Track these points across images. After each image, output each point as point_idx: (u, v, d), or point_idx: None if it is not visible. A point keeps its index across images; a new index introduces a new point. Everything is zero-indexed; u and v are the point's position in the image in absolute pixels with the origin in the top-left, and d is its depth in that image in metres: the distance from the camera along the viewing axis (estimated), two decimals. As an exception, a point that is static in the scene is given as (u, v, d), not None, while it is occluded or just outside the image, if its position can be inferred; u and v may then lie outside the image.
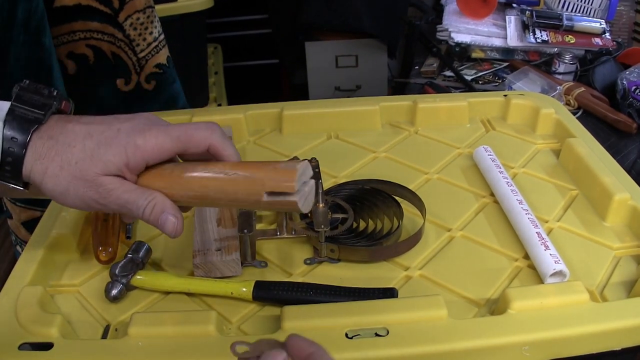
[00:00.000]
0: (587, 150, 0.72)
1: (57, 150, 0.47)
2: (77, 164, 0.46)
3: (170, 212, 0.48)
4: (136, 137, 0.47)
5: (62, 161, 0.46)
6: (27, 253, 0.60)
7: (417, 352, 0.48)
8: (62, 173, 0.47)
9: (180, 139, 0.48)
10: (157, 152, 0.47)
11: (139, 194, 0.48)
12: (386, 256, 0.61)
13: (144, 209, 0.48)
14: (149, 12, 1.04)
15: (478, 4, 1.48)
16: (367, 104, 0.86)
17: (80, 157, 0.46)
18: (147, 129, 0.47)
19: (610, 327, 0.50)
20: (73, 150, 0.46)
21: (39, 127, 0.47)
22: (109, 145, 0.46)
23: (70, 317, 0.55)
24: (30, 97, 0.48)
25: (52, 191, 0.47)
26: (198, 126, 0.49)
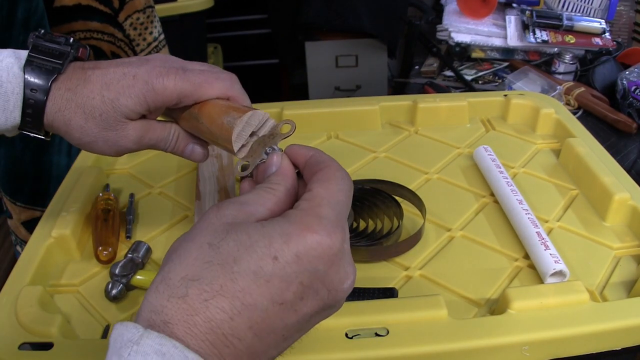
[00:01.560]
0: (587, 150, 0.72)
1: (77, 103, 0.47)
2: (101, 116, 0.47)
3: (194, 142, 0.51)
4: (154, 82, 0.46)
5: (85, 114, 0.47)
6: (27, 253, 0.60)
7: (417, 352, 0.48)
8: (88, 125, 0.47)
9: (201, 85, 0.47)
10: (176, 98, 0.47)
11: (164, 129, 0.50)
12: (386, 256, 0.61)
13: (170, 142, 0.51)
14: (149, 12, 1.04)
15: (478, 4, 1.48)
16: (367, 103, 0.86)
17: (103, 110, 0.46)
18: (165, 73, 0.47)
19: (610, 327, 0.50)
20: (93, 102, 0.46)
21: (58, 77, 0.47)
22: (127, 95, 0.46)
23: (70, 317, 0.55)
24: (47, 47, 0.48)
25: (79, 140, 0.48)
26: (219, 75, 0.48)
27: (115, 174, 0.78)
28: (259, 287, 0.30)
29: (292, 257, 0.31)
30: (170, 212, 0.70)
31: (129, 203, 0.70)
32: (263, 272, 0.30)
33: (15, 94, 0.46)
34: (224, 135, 0.44)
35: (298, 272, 0.31)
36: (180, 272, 0.31)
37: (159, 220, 0.69)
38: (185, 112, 0.49)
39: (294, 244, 0.31)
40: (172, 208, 0.71)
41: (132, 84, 0.46)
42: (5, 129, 0.48)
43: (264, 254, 0.31)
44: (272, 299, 0.30)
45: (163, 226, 0.68)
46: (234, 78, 0.49)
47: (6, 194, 0.98)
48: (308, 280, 0.31)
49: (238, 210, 0.33)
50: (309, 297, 0.32)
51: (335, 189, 0.35)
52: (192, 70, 0.48)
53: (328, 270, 0.32)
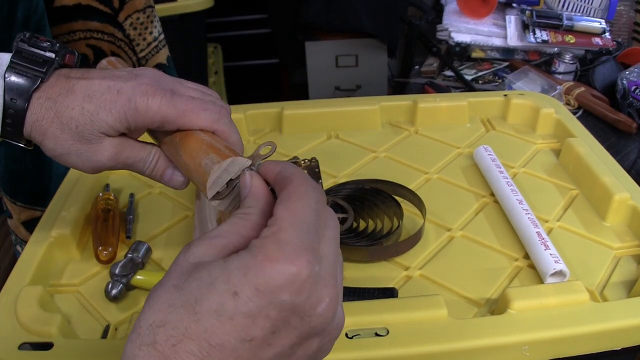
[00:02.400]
0: (587, 150, 0.72)
1: (56, 112, 0.45)
2: (77, 128, 0.45)
3: (173, 167, 0.48)
4: (137, 100, 0.44)
5: (62, 124, 0.45)
6: (27, 253, 0.60)
7: (417, 352, 0.48)
8: (63, 135, 0.45)
9: (185, 114, 0.44)
10: (158, 121, 0.44)
11: (143, 149, 0.47)
12: (386, 256, 0.61)
13: (149, 164, 0.48)
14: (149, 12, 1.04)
15: (478, 4, 1.48)
16: (367, 103, 0.86)
17: (80, 122, 0.44)
18: (151, 93, 0.44)
19: (610, 327, 0.50)
20: (72, 112, 0.44)
21: (40, 85, 0.45)
22: (108, 110, 0.44)
23: (70, 317, 0.55)
24: (31, 52, 0.46)
25: (53, 152, 0.46)
26: (207, 106, 0.45)
27: (115, 174, 0.78)
28: (223, 325, 0.29)
29: (252, 292, 0.29)
30: (171, 212, 0.70)
31: (129, 203, 0.70)
32: (224, 310, 0.29)
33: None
34: (199, 177, 0.42)
35: (261, 306, 0.29)
36: (148, 318, 0.30)
37: (159, 220, 0.69)
38: (167, 137, 0.47)
39: (252, 277, 0.29)
40: (172, 208, 0.71)
41: (115, 100, 0.44)
42: None
43: (223, 291, 0.29)
44: (239, 337, 0.29)
45: (163, 226, 0.68)
46: (223, 111, 0.46)
47: (6, 194, 0.98)
48: (275, 313, 0.29)
49: (207, 246, 0.32)
50: (281, 329, 0.30)
51: (299, 207, 0.32)
52: (180, 95, 0.45)
53: (295, 300, 0.29)
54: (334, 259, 0.32)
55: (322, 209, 0.33)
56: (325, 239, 0.32)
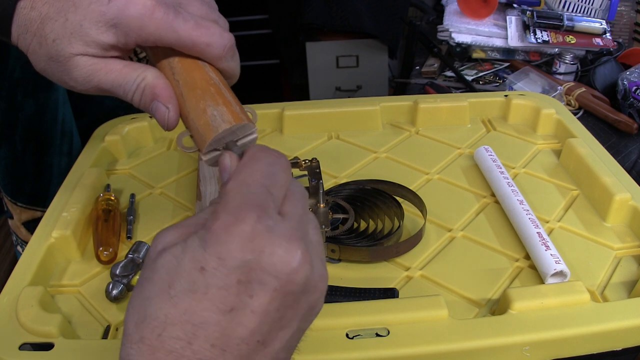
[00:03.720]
0: (588, 151, 0.72)
1: (39, 24, 0.39)
2: (54, 41, 0.39)
3: (161, 99, 0.40)
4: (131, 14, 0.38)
5: (42, 37, 0.39)
6: (28, 253, 0.60)
7: (417, 352, 0.48)
8: (41, 51, 0.40)
9: (186, 44, 0.39)
10: (152, 41, 0.39)
11: (125, 74, 0.41)
12: (387, 256, 0.61)
13: (133, 94, 0.41)
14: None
15: (479, 4, 1.48)
16: (368, 104, 0.86)
17: (59, 34, 0.39)
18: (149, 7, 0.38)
19: (611, 327, 0.50)
20: (54, 25, 0.39)
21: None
22: (94, 21, 0.38)
23: (71, 317, 0.55)
24: None
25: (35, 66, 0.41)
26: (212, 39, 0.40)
27: (116, 175, 0.78)
28: (199, 302, 0.28)
29: (216, 261, 0.29)
30: (171, 212, 0.70)
31: (129, 203, 0.70)
32: (197, 287, 0.29)
33: None
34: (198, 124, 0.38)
35: (229, 272, 0.29)
36: (132, 319, 0.30)
37: (159, 221, 0.69)
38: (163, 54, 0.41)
39: (211, 248, 0.29)
40: (172, 208, 0.71)
41: (105, 11, 0.38)
42: None
43: (191, 269, 0.29)
44: (218, 309, 0.28)
45: (164, 226, 0.67)
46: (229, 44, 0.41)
47: (7, 195, 0.98)
48: (244, 276, 0.29)
49: (172, 234, 0.31)
50: (256, 291, 0.29)
51: (245, 173, 0.31)
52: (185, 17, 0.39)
53: (258, 257, 0.29)
54: (299, 218, 0.32)
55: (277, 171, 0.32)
56: (288, 200, 0.32)
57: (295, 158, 0.71)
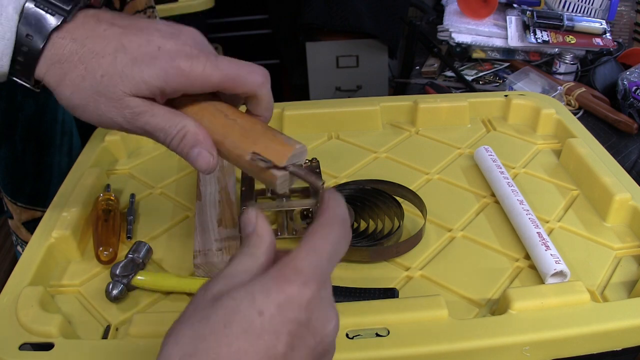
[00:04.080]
0: (588, 151, 0.72)
1: (81, 57, 0.41)
2: (102, 77, 0.41)
3: (203, 146, 0.43)
4: (181, 61, 0.40)
5: (86, 70, 0.41)
6: (28, 253, 0.60)
7: (417, 352, 0.48)
8: (84, 84, 0.41)
9: (229, 77, 0.42)
10: (199, 84, 0.42)
11: (168, 119, 0.43)
12: (387, 256, 0.61)
13: (173, 138, 0.43)
14: (149, 13, 1.04)
15: (479, 4, 1.48)
16: (368, 104, 0.86)
17: (108, 71, 0.40)
18: (195, 55, 0.41)
19: (611, 327, 0.50)
20: (101, 61, 0.41)
21: (63, 24, 0.41)
22: (147, 64, 0.40)
23: (71, 317, 0.55)
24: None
25: (68, 101, 0.42)
26: (252, 69, 0.43)
27: (116, 175, 0.78)
28: (252, 344, 0.30)
29: (275, 309, 0.30)
30: (171, 212, 0.70)
31: (129, 203, 0.70)
32: (252, 329, 0.30)
33: (6, 39, 0.40)
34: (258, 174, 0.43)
35: (284, 322, 0.30)
36: (177, 352, 0.30)
37: (159, 221, 0.69)
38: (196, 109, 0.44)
39: (274, 296, 0.30)
40: (173, 208, 0.71)
41: (156, 55, 0.40)
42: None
43: (249, 312, 0.30)
44: (266, 353, 0.30)
45: (164, 226, 0.68)
46: (266, 76, 0.44)
47: (7, 195, 0.98)
48: (295, 329, 0.31)
49: (224, 284, 0.32)
50: (299, 346, 0.31)
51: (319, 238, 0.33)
52: (223, 58, 0.42)
53: (310, 316, 0.31)
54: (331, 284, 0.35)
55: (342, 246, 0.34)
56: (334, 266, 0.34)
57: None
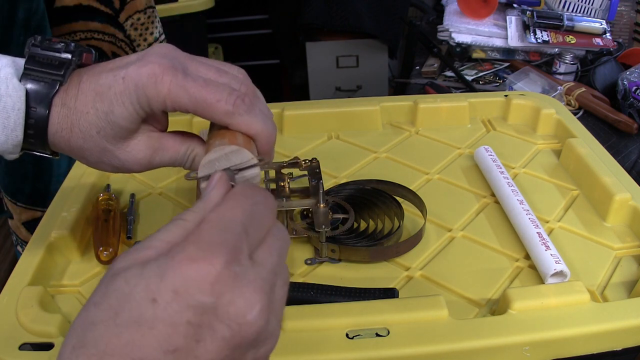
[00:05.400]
0: (588, 151, 0.72)
1: (73, 121, 0.42)
2: (98, 133, 0.41)
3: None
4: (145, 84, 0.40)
5: (82, 132, 0.42)
6: (28, 253, 0.60)
7: (417, 352, 0.48)
8: (87, 145, 0.42)
9: (197, 102, 0.40)
10: (170, 107, 0.41)
11: (178, 150, 0.44)
12: (387, 256, 0.61)
13: (185, 163, 0.45)
14: (149, 12, 1.04)
15: (479, 4, 1.48)
16: (368, 104, 0.86)
17: (100, 126, 0.41)
18: (159, 73, 0.40)
19: (611, 327, 0.50)
20: (88, 117, 0.41)
21: (59, 90, 0.42)
22: (120, 103, 0.40)
23: (71, 317, 0.55)
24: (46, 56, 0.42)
25: (85, 162, 0.44)
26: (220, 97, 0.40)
27: (116, 175, 0.78)
28: (143, 336, 0.26)
29: (171, 295, 0.27)
30: (171, 212, 0.70)
31: (129, 203, 0.70)
32: (144, 319, 0.26)
33: (17, 109, 0.41)
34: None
35: (181, 310, 0.27)
36: (70, 342, 0.28)
37: (159, 221, 0.69)
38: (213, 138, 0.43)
39: (170, 279, 0.27)
40: (173, 208, 0.71)
41: (123, 90, 0.40)
42: (5, 149, 0.42)
43: (142, 298, 0.27)
44: (161, 347, 0.26)
45: (164, 226, 0.68)
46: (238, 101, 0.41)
47: (7, 194, 0.98)
48: (197, 318, 0.27)
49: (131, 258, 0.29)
50: (206, 337, 0.27)
51: (228, 207, 0.30)
52: (194, 77, 0.41)
53: (217, 301, 0.27)
54: (272, 268, 0.30)
55: (260, 212, 0.31)
56: (265, 245, 0.31)
57: (295, 158, 0.71)
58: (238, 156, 0.39)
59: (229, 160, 0.39)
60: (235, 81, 0.43)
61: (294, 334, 0.49)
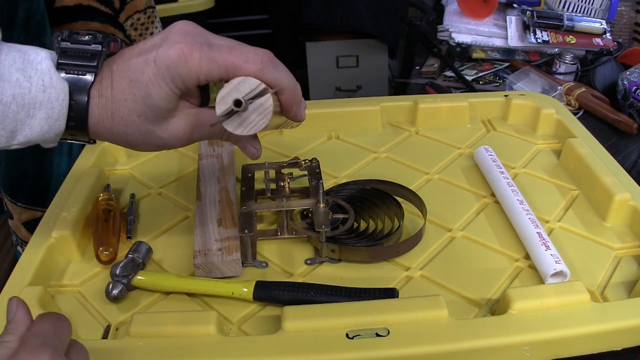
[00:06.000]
0: (588, 151, 0.72)
1: (113, 109, 0.43)
2: (139, 117, 0.43)
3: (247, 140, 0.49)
4: (177, 64, 0.42)
5: (123, 119, 0.44)
6: (28, 253, 0.60)
7: (417, 352, 0.48)
8: (130, 130, 0.44)
9: (227, 69, 0.43)
10: (204, 78, 0.43)
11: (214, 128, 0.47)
12: (387, 256, 0.61)
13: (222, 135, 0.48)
14: (149, 13, 1.04)
15: (479, 4, 1.48)
16: (368, 104, 0.86)
17: (138, 110, 0.43)
18: (187, 51, 0.42)
19: (611, 327, 0.50)
20: (127, 104, 0.43)
21: (94, 81, 0.43)
22: (156, 85, 0.43)
23: (71, 317, 0.55)
24: (77, 50, 0.44)
25: (128, 147, 0.46)
26: (247, 58, 0.43)
27: (116, 175, 0.78)
28: None
29: None
30: (171, 212, 0.70)
31: (129, 203, 0.70)
32: None
33: (61, 100, 0.43)
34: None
35: None
36: None
37: (159, 221, 0.69)
38: None
39: None
40: (172, 208, 0.71)
41: (156, 72, 0.42)
42: (47, 139, 0.45)
43: None
44: None
45: (164, 226, 0.68)
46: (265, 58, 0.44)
47: (7, 195, 0.98)
48: None
49: None
50: None
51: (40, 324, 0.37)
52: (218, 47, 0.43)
53: None
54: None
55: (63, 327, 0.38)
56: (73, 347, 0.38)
57: (295, 158, 0.71)
58: (246, 85, 0.42)
59: (239, 91, 0.42)
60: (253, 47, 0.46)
61: (294, 334, 0.49)
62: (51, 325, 0.37)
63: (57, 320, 0.38)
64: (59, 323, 0.38)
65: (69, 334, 0.39)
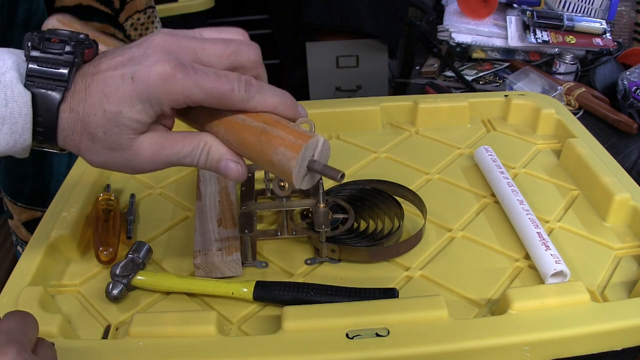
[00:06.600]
0: (588, 151, 0.72)
1: (82, 124, 0.41)
2: (105, 134, 0.41)
3: (228, 157, 0.44)
4: (156, 84, 0.40)
5: (90, 134, 0.41)
6: (28, 253, 0.60)
7: (417, 352, 0.48)
8: (95, 146, 0.42)
9: (214, 96, 0.41)
10: (183, 102, 0.41)
11: (189, 144, 0.44)
12: (387, 256, 0.61)
13: (199, 158, 0.44)
14: (149, 13, 1.04)
15: (479, 4, 1.48)
16: (368, 104, 0.86)
17: (106, 126, 0.41)
18: (171, 75, 0.40)
19: (611, 327, 0.50)
20: (96, 119, 0.41)
21: (65, 94, 0.41)
22: (129, 104, 0.40)
23: (71, 317, 0.55)
24: (47, 59, 0.41)
25: (94, 164, 0.44)
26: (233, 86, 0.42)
27: (115, 175, 0.78)
28: None
29: None
30: (171, 212, 0.70)
31: (129, 203, 0.70)
32: None
33: (24, 115, 0.41)
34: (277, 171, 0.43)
35: None
36: None
37: (159, 221, 0.69)
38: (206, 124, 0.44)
39: None
40: (172, 208, 0.71)
41: (132, 90, 0.40)
42: (15, 152, 0.43)
43: None
44: None
45: (164, 226, 0.68)
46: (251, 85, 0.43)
47: (7, 195, 0.98)
48: None
49: None
50: None
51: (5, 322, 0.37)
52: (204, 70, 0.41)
53: None
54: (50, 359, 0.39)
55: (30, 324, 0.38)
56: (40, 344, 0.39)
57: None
58: (309, 150, 0.43)
59: (305, 159, 0.43)
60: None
61: (294, 334, 0.49)
62: (17, 322, 0.38)
63: (23, 318, 0.39)
64: (25, 320, 0.38)
65: (36, 331, 0.39)
